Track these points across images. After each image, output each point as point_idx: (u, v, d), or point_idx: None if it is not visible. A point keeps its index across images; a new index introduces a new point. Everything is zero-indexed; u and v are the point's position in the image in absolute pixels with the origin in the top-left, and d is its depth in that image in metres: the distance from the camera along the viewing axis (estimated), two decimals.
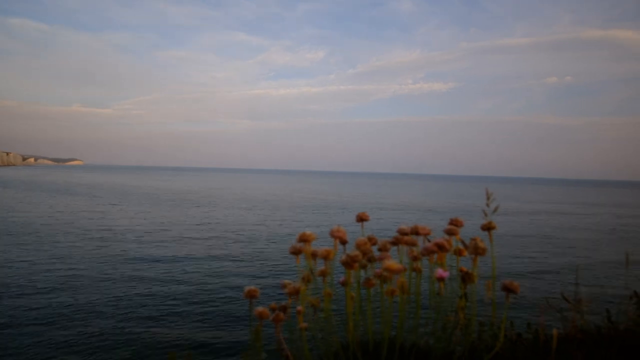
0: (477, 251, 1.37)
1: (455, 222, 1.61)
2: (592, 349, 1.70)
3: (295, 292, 1.64)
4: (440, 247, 1.39)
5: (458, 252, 1.67)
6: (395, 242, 1.59)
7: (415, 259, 1.63)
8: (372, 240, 1.60)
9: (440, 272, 1.55)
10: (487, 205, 1.66)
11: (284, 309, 1.71)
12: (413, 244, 1.62)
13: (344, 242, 1.69)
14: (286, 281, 1.70)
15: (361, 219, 1.72)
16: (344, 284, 1.66)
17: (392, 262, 1.28)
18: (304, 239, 1.32)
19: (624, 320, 2.35)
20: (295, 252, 1.36)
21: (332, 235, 1.35)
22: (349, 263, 1.32)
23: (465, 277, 1.69)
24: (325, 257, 1.33)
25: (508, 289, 1.50)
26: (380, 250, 1.56)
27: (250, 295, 1.67)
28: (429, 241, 1.65)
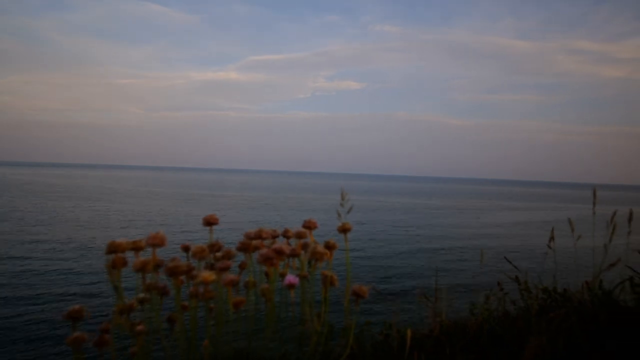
0: (315, 256, 1.27)
1: (307, 225, 1.51)
2: (442, 345, 1.72)
3: (128, 310, 1.42)
4: (279, 253, 1.27)
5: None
6: (243, 248, 1.45)
7: (270, 265, 1.50)
8: (216, 246, 1.44)
9: (290, 278, 1.44)
10: (342, 205, 1.59)
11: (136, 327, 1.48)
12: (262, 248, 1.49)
13: (186, 249, 1.51)
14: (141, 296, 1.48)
15: (209, 222, 1.55)
16: (192, 295, 1.48)
17: (207, 274, 1.13)
18: (112, 250, 1.11)
19: (484, 314, 2.46)
20: (114, 266, 1.15)
21: (149, 243, 1.16)
22: (171, 274, 1.14)
23: (326, 281, 1.60)
24: (141, 270, 1.14)
25: (357, 295, 1.43)
26: (223, 257, 1.40)
27: (73, 317, 1.42)
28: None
